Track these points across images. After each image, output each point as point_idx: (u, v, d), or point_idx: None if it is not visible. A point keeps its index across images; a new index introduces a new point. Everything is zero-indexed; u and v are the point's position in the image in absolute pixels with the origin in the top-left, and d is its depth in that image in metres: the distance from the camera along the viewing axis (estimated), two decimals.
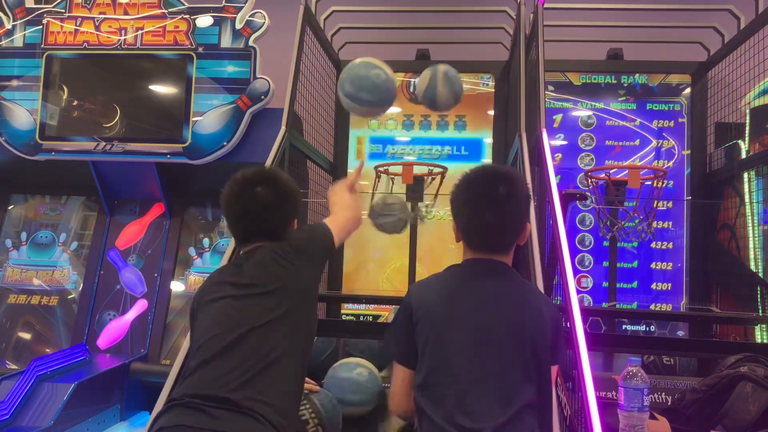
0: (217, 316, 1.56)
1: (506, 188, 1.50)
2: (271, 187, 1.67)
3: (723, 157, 3.73)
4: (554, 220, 2.29)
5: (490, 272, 1.52)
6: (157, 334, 3.71)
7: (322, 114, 4.07)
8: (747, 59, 3.42)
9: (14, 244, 4.12)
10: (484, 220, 1.51)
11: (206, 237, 3.97)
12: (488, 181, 1.54)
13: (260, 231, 1.67)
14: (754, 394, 1.88)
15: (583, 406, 1.64)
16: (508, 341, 1.42)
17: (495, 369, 1.40)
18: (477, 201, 1.52)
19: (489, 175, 1.57)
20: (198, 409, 1.40)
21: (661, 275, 3.87)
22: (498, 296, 1.49)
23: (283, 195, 1.69)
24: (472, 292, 1.49)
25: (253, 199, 1.65)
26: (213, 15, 3.76)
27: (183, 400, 1.44)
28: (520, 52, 3.39)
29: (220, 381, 1.43)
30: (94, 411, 3.13)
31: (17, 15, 3.93)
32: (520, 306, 1.48)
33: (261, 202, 1.64)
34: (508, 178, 1.53)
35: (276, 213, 1.67)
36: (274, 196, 1.66)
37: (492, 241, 1.54)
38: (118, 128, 3.85)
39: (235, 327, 1.50)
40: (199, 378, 1.47)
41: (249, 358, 1.46)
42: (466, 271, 1.54)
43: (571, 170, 3.98)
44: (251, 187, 1.66)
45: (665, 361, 3.01)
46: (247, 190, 1.66)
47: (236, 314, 1.54)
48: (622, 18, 3.97)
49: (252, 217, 1.66)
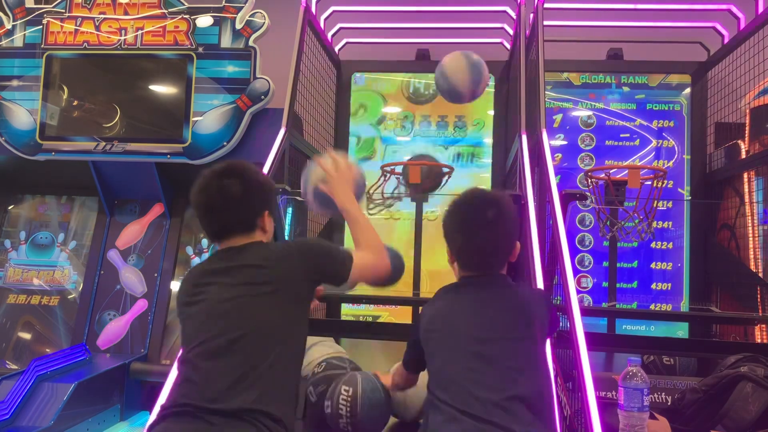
0: (207, 318, 1.53)
1: (494, 212, 1.57)
2: (236, 178, 1.62)
3: (723, 157, 3.73)
4: (554, 220, 2.29)
5: (485, 284, 1.60)
6: (157, 334, 3.71)
7: (322, 114, 4.07)
8: (747, 59, 3.43)
9: (14, 244, 4.12)
10: (474, 244, 1.58)
11: (206, 237, 3.97)
12: (477, 206, 1.60)
13: (229, 224, 1.63)
14: (754, 394, 1.88)
15: (583, 406, 1.64)
16: (505, 344, 1.47)
17: (495, 373, 1.43)
18: (467, 226, 1.59)
19: (477, 200, 1.63)
20: (193, 416, 1.39)
21: (661, 275, 3.87)
22: (494, 302, 1.55)
23: (249, 186, 1.64)
24: (470, 301, 1.56)
25: (218, 191, 1.61)
26: (213, 15, 3.76)
27: (176, 408, 1.42)
28: (520, 52, 3.39)
29: (213, 387, 1.41)
30: (94, 411, 3.12)
31: (17, 15, 3.92)
32: (516, 310, 1.55)
33: (226, 194, 1.60)
34: (495, 202, 1.60)
35: (243, 205, 1.63)
36: (240, 187, 1.61)
37: (484, 263, 1.60)
38: (118, 128, 3.85)
39: (227, 330, 1.48)
40: (192, 384, 1.44)
41: (243, 363, 1.44)
42: (464, 288, 1.62)
43: (571, 170, 3.98)
44: (217, 180, 1.62)
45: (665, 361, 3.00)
46: (213, 183, 1.62)
47: (229, 316, 1.50)
48: (622, 18, 3.97)
49: (219, 210, 1.62)
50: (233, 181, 1.61)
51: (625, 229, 2.96)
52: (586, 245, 3.94)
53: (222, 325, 1.49)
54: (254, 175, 1.67)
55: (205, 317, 1.53)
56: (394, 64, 4.35)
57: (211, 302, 1.54)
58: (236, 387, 1.41)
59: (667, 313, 3.76)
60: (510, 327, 1.50)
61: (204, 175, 1.65)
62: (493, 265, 1.61)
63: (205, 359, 1.46)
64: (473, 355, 1.45)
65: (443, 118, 4.20)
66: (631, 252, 3.86)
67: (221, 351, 1.46)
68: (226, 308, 1.51)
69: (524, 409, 1.38)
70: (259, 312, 1.51)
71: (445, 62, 2.55)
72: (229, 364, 1.44)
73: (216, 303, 1.53)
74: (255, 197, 1.65)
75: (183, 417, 1.40)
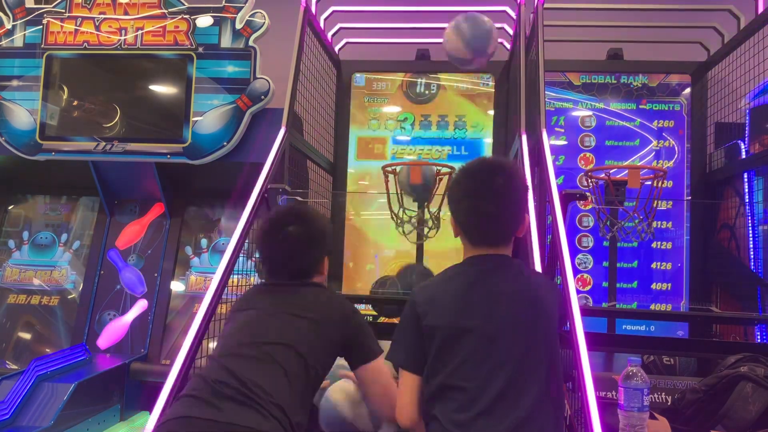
0: (246, 324, 1.60)
1: (504, 179, 1.49)
2: (302, 226, 1.69)
3: (723, 157, 3.73)
4: (554, 220, 2.29)
5: (496, 269, 1.50)
6: (157, 334, 3.71)
7: (322, 114, 4.07)
8: (747, 59, 3.42)
9: (15, 244, 4.12)
10: (483, 211, 1.49)
11: (206, 237, 3.97)
12: (486, 172, 1.52)
13: (291, 270, 1.69)
14: (754, 394, 1.88)
15: (583, 406, 1.64)
16: (521, 341, 1.42)
17: (509, 371, 1.38)
18: (475, 193, 1.50)
19: (486, 167, 1.55)
20: (205, 401, 1.42)
21: (661, 275, 3.87)
22: (509, 298, 1.46)
23: (314, 234, 1.70)
24: (484, 295, 1.46)
25: (284, 239, 1.67)
26: (213, 15, 3.76)
27: (191, 394, 1.47)
28: (520, 52, 3.39)
29: (231, 377, 1.46)
30: (94, 411, 3.13)
31: (17, 15, 3.93)
32: (531, 304, 1.47)
33: (291, 242, 1.67)
34: (505, 170, 1.52)
35: (306, 253, 1.69)
36: (305, 235, 1.68)
37: (492, 233, 1.51)
38: (118, 128, 3.85)
39: (263, 336, 1.55)
40: (211, 371, 1.50)
41: (264, 363, 1.49)
42: (473, 271, 1.51)
43: (571, 170, 3.98)
44: (282, 227, 1.68)
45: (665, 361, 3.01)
46: (278, 229, 1.68)
47: (268, 326, 1.58)
48: (622, 18, 3.97)
49: (282, 257, 1.69)
50: (298, 230, 1.68)
51: (625, 229, 2.96)
52: (586, 245, 3.94)
53: (261, 331, 1.58)
54: (318, 221, 1.74)
55: (246, 322, 1.62)
56: (394, 64, 4.35)
57: (258, 312, 1.62)
58: (252, 380, 1.45)
59: (667, 313, 3.75)
60: (520, 320, 1.43)
61: (269, 218, 1.74)
62: (500, 237, 1.52)
63: (232, 353, 1.53)
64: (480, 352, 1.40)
65: (443, 117, 4.20)
66: (631, 252, 3.86)
67: (250, 348, 1.53)
68: (271, 320, 1.60)
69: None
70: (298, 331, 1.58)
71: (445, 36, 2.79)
72: (252, 361, 1.51)
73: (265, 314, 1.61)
74: (319, 245, 1.72)
75: (195, 400, 1.45)
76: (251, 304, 1.67)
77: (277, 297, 1.66)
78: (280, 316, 1.60)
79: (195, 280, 3.86)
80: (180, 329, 3.72)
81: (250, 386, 1.43)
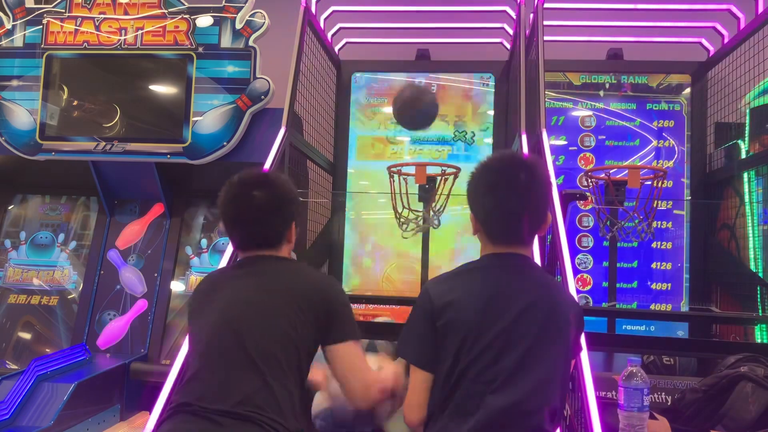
0: (221, 320, 1.52)
1: (528, 175, 1.42)
2: (267, 189, 1.61)
3: (723, 157, 3.73)
4: (554, 220, 2.29)
5: (518, 271, 1.44)
6: (157, 334, 3.71)
7: (322, 114, 4.08)
8: (747, 59, 3.43)
9: (14, 244, 4.12)
10: (506, 208, 1.42)
11: (205, 237, 3.97)
12: (509, 167, 1.45)
13: (258, 236, 1.62)
14: (754, 394, 1.88)
15: (583, 406, 1.64)
16: (539, 349, 1.36)
17: (526, 374, 1.33)
18: (498, 189, 1.43)
19: (510, 162, 1.47)
20: (203, 417, 1.39)
21: (661, 275, 3.87)
22: (531, 304, 1.39)
23: (280, 198, 1.63)
24: (506, 298, 1.39)
25: (248, 203, 1.59)
26: (213, 15, 3.76)
27: (189, 407, 1.41)
28: (520, 52, 3.39)
29: (224, 388, 1.41)
30: (94, 411, 3.12)
31: (17, 15, 3.92)
32: (553, 314, 1.41)
33: (257, 206, 1.59)
34: (529, 165, 1.46)
35: (273, 218, 1.62)
36: (271, 199, 1.61)
37: (515, 231, 1.44)
38: (118, 128, 3.85)
39: (241, 333, 1.47)
40: (203, 384, 1.44)
41: (254, 366, 1.43)
42: (493, 269, 1.45)
43: (571, 170, 3.98)
44: (247, 190, 1.61)
45: (665, 361, 3.01)
46: (242, 194, 1.61)
47: (245, 319, 1.50)
48: (622, 18, 3.97)
49: (248, 222, 1.61)
50: (264, 194, 1.60)
51: (625, 229, 2.96)
52: (586, 245, 3.94)
53: (238, 326, 1.49)
54: (285, 185, 1.67)
55: (222, 317, 1.53)
56: (394, 64, 4.35)
57: (228, 305, 1.54)
58: (247, 389, 1.40)
59: (667, 313, 3.75)
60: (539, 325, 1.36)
61: (232, 184, 1.64)
62: (523, 234, 1.45)
63: (217, 358, 1.47)
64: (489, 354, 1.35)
65: (443, 117, 4.20)
66: (631, 252, 3.86)
67: (234, 351, 1.46)
68: (247, 312, 1.52)
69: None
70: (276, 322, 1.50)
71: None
72: (241, 365, 1.44)
73: (237, 306, 1.53)
74: (285, 210, 1.64)
75: (193, 416, 1.40)
76: (225, 294, 1.57)
77: (249, 280, 1.57)
78: (259, 305, 1.52)
79: (195, 280, 3.86)
80: (180, 329, 3.72)
81: (247, 403, 1.39)
